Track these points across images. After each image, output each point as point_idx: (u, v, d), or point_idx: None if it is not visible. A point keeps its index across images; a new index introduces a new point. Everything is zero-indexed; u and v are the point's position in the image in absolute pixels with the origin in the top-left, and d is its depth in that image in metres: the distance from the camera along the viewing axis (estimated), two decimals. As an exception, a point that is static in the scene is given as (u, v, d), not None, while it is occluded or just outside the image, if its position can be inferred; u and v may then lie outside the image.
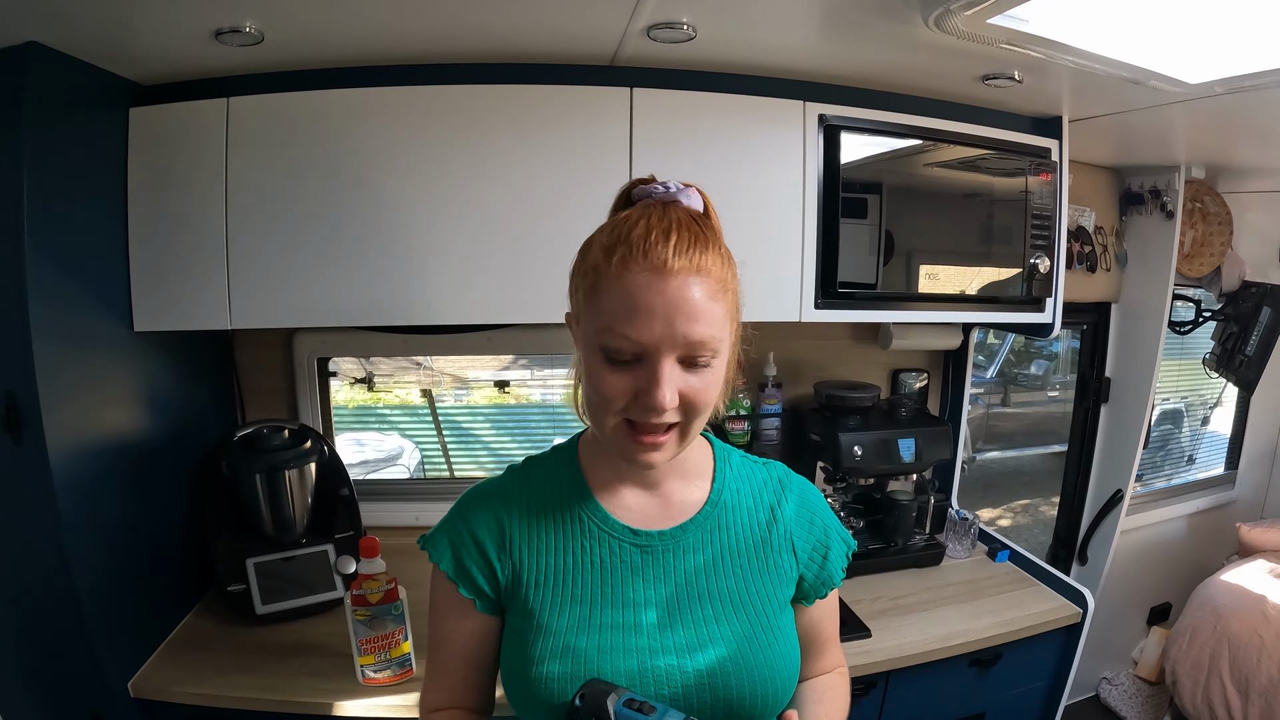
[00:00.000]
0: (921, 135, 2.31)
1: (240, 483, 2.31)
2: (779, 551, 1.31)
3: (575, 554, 1.25)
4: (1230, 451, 4.52)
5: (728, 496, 1.32)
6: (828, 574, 1.35)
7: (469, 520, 1.29)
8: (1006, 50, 1.86)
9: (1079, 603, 2.43)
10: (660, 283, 1.06)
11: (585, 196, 2.08)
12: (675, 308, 1.06)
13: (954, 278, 2.40)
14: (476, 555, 1.26)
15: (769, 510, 1.33)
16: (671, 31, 1.85)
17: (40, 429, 1.76)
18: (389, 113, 2.05)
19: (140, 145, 2.05)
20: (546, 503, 1.29)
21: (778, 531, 1.32)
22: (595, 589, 1.23)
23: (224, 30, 1.77)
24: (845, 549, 1.39)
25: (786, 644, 1.27)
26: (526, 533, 1.27)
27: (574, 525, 1.27)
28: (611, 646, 1.20)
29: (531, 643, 1.22)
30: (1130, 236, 3.44)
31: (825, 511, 1.39)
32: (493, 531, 1.26)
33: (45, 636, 1.97)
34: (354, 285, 2.09)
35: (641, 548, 1.25)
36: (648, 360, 1.08)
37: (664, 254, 1.06)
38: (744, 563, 1.28)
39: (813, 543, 1.34)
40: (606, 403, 1.11)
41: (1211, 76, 1.98)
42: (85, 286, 1.94)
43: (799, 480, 1.41)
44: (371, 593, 1.92)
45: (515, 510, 1.28)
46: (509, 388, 3.47)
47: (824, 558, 1.35)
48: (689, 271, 1.07)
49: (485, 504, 1.30)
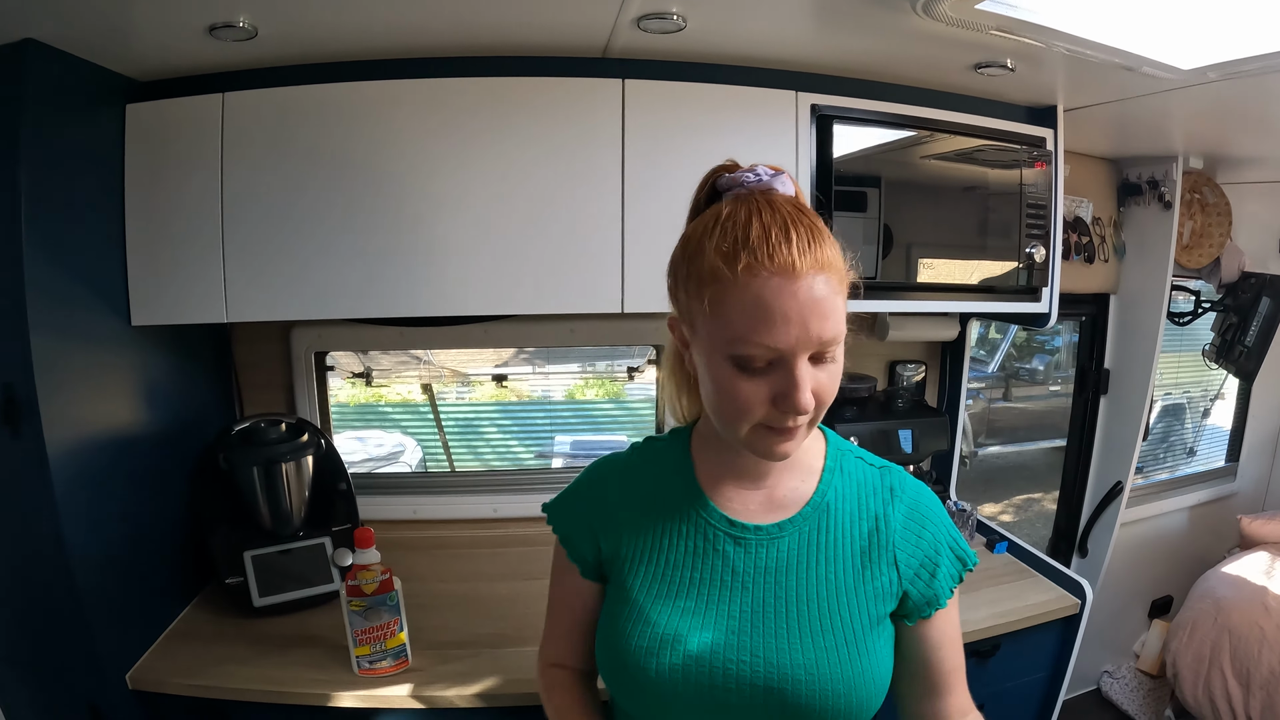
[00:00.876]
0: (914, 125, 2.31)
1: (237, 476, 2.32)
2: (879, 564, 1.24)
3: (671, 536, 1.28)
4: (1231, 443, 4.51)
5: (832, 498, 1.27)
6: (935, 591, 1.25)
7: (584, 491, 1.40)
8: (997, 37, 1.86)
9: (1077, 593, 2.43)
10: (791, 286, 1.03)
11: (578, 188, 2.11)
12: (810, 310, 1.04)
13: (952, 271, 2.40)
14: (584, 525, 1.36)
15: (874, 519, 1.27)
16: (661, 22, 1.85)
17: (38, 422, 1.77)
18: (382, 107, 2.06)
19: (136, 141, 2.06)
20: (654, 483, 1.33)
21: (880, 542, 1.25)
22: (685, 573, 1.26)
23: (218, 25, 1.78)
24: (958, 567, 1.28)
25: (871, 662, 1.20)
26: (631, 510, 1.32)
27: (675, 508, 1.30)
28: (689, 632, 1.21)
29: (619, 614, 1.28)
30: (1128, 227, 3.44)
31: (940, 523, 1.29)
32: (602, 504, 1.35)
33: (43, 628, 1.97)
34: (351, 277, 2.10)
35: (736, 539, 1.25)
36: (783, 364, 1.07)
37: (789, 255, 1.04)
38: (839, 569, 1.23)
39: (920, 557, 1.25)
40: (744, 412, 1.10)
41: (1204, 62, 1.98)
42: (83, 281, 1.95)
43: (913, 488, 1.32)
44: (366, 583, 1.91)
45: (625, 487, 1.35)
46: (506, 382, 3.47)
47: (932, 574, 1.25)
48: (815, 269, 1.05)
49: (601, 478, 1.40)
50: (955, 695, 1.31)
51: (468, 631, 2.17)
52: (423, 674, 1.97)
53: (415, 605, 2.00)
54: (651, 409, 3.23)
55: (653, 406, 3.20)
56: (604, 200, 2.11)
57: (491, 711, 1.93)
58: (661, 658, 1.20)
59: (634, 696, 1.27)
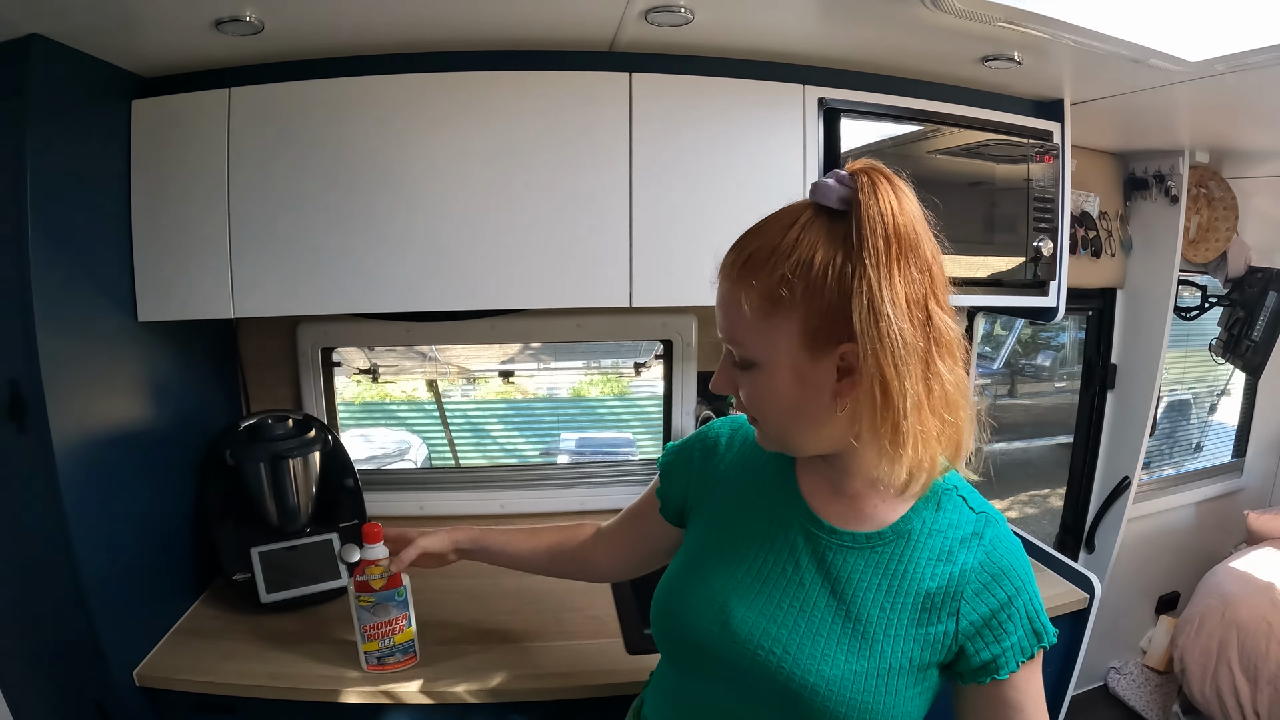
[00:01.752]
0: (922, 119, 2.30)
1: (244, 472, 2.32)
2: (939, 611, 1.17)
3: (753, 513, 1.33)
4: (1237, 439, 4.51)
5: (916, 527, 1.22)
6: (996, 660, 1.16)
7: (700, 440, 1.50)
8: (1005, 29, 1.85)
9: (1086, 588, 2.42)
10: (720, 284, 1.19)
11: (586, 181, 2.11)
12: (719, 308, 1.20)
13: (959, 267, 2.39)
14: (685, 468, 1.48)
15: (953, 564, 1.19)
16: (669, 15, 1.85)
17: (45, 418, 1.77)
18: (389, 101, 2.05)
19: (142, 137, 2.05)
20: (761, 456, 1.38)
21: (950, 591, 1.17)
22: (752, 550, 1.29)
23: (224, 20, 1.78)
24: (1031, 641, 1.17)
25: (896, 702, 1.15)
26: (731, 471, 1.41)
27: (766, 486, 1.34)
28: (735, 605, 1.25)
29: (680, 564, 1.39)
30: (1135, 222, 3.44)
31: (1020, 591, 1.18)
32: (712, 456, 1.45)
33: (49, 625, 1.98)
34: (358, 271, 2.10)
35: (808, 534, 1.26)
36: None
37: (726, 258, 1.19)
38: (899, 602, 1.18)
39: (986, 615, 1.16)
40: None
41: (1211, 54, 1.97)
42: (89, 277, 1.95)
43: (1002, 542, 1.21)
44: (374, 579, 1.87)
45: (737, 449, 1.43)
46: (513, 378, 3.47)
47: (995, 638, 1.16)
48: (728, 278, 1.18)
49: (719, 434, 1.47)
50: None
51: (475, 627, 2.17)
52: (430, 669, 1.96)
53: (423, 600, 1.99)
54: (659, 405, 3.22)
55: (660, 404, 3.19)
56: (612, 194, 2.11)
57: (499, 707, 1.93)
58: (704, 614, 1.26)
59: (667, 642, 1.35)
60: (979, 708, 1.21)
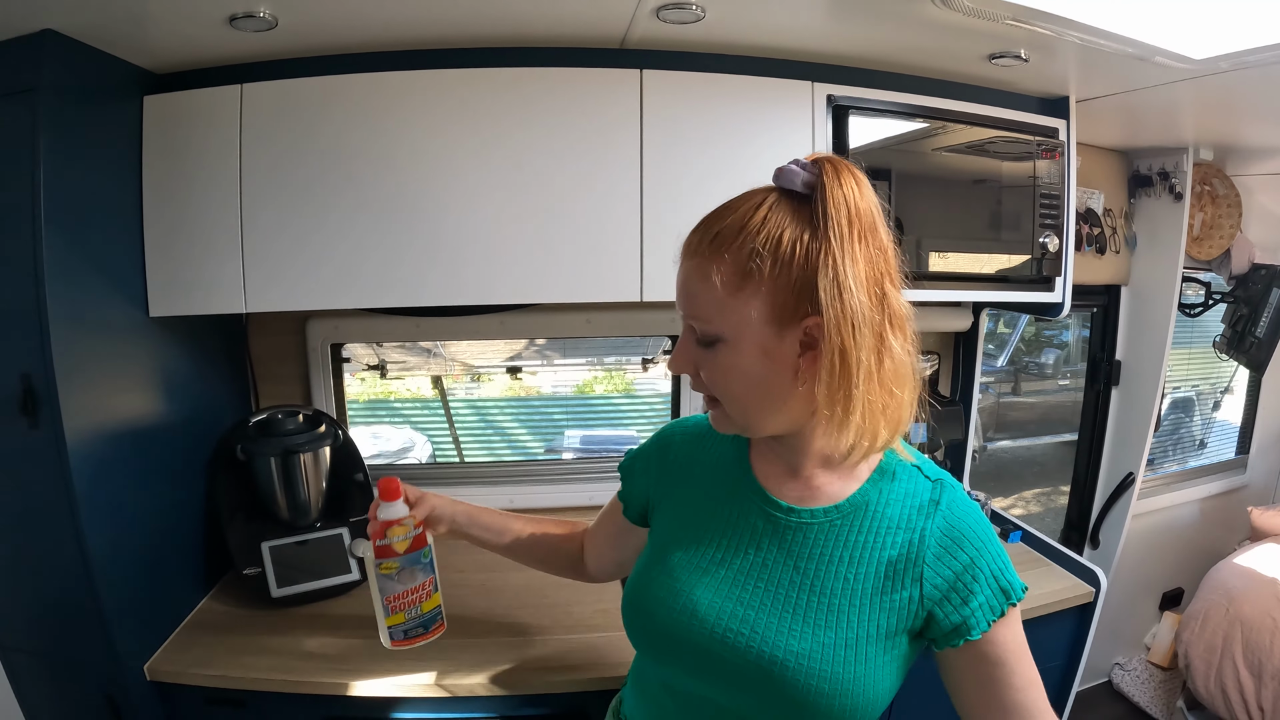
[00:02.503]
0: (929, 115, 2.31)
1: (255, 466, 2.32)
2: (903, 577, 1.20)
3: (712, 501, 1.36)
4: (1241, 436, 4.51)
5: (873, 499, 1.25)
6: (966, 621, 1.18)
7: (655, 442, 1.54)
8: (1012, 27, 1.86)
9: (1092, 582, 2.43)
10: (683, 263, 1.23)
11: (597, 177, 2.11)
12: (680, 284, 1.23)
13: (964, 263, 2.40)
14: (642, 469, 1.53)
15: (911, 531, 1.22)
16: (680, 12, 1.86)
17: (57, 412, 1.77)
18: (401, 97, 2.06)
19: (155, 132, 2.06)
20: (715, 448, 1.42)
21: (911, 557, 1.21)
22: (714, 536, 1.32)
23: (238, 15, 1.79)
24: (1000, 600, 1.19)
25: (867, 670, 1.18)
26: (687, 466, 1.44)
27: (723, 476, 1.38)
28: (700, 591, 1.27)
29: (646, 558, 1.41)
30: (1139, 219, 3.44)
31: (981, 550, 1.21)
32: (665, 454, 1.49)
33: (60, 619, 1.98)
34: (369, 267, 2.10)
35: (767, 516, 1.29)
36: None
37: (690, 238, 1.23)
38: (861, 573, 1.21)
39: (950, 579, 1.19)
40: None
41: (1216, 52, 1.98)
42: (101, 272, 1.95)
43: (959, 506, 1.25)
44: (398, 540, 1.65)
45: (689, 445, 1.46)
46: (520, 374, 3.47)
47: (963, 600, 1.18)
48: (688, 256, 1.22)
49: (670, 433, 1.53)
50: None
51: (487, 620, 2.17)
52: (443, 662, 1.96)
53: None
54: (665, 402, 3.23)
55: (667, 401, 3.20)
56: (623, 189, 2.11)
57: (511, 699, 1.93)
58: (671, 605, 1.28)
59: (638, 636, 1.37)
60: (961, 670, 1.23)
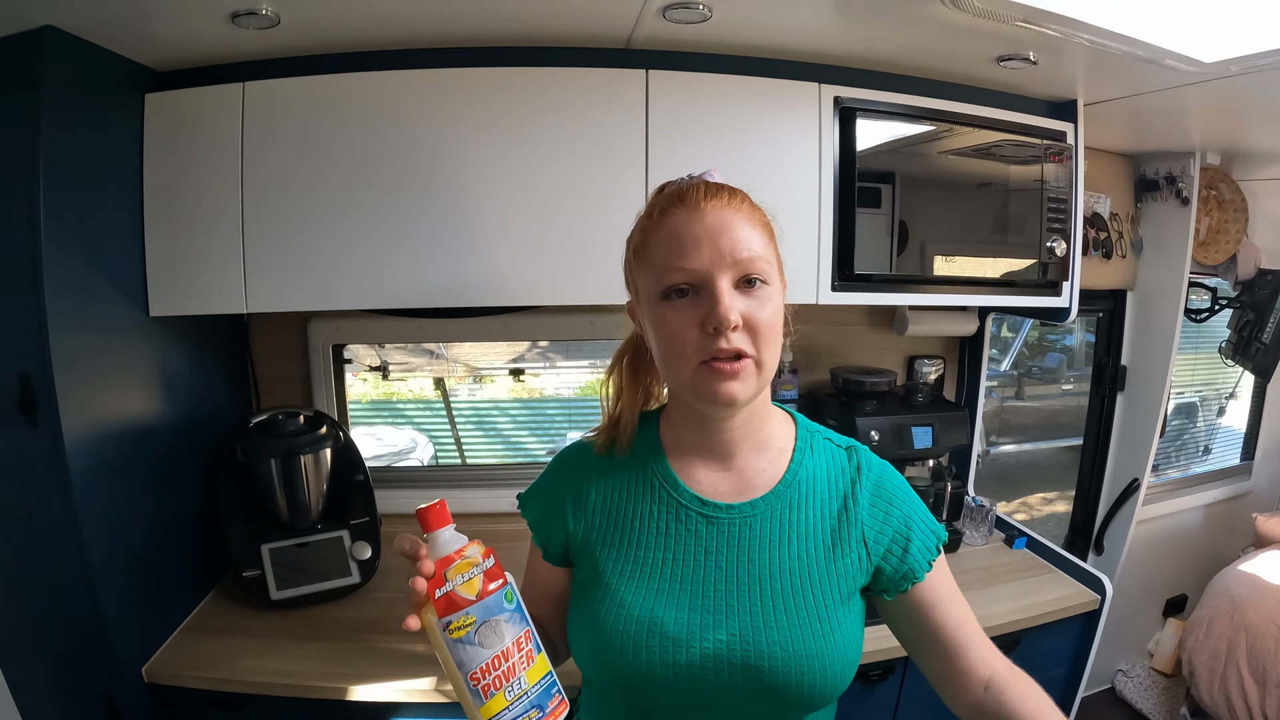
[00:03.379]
0: (936, 118, 2.30)
1: (255, 468, 2.32)
2: (848, 542, 1.28)
3: (643, 518, 1.31)
4: (1246, 442, 4.51)
5: (803, 477, 1.32)
6: (909, 566, 1.28)
7: (555, 478, 1.41)
8: (1021, 28, 1.85)
9: (1097, 589, 2.43)
10: (697, 215, 1.18)
11: (602, 178, 2.10)
12: (718, 231, 1.17)
13: (969, 267, 2.39)
14: (556, 509, 1.36)
15: (842, 499, 1.31)
16: (687, 12, 1.85)
17: (55, 412, 1.77)
18: (405, 96, 2.05)
19: (155, 130, 2.06)
20: (625, 468, 1.36)
21: (848, 521, 1.29)
22: (658, 554, 1.28)
23: (240, 13, 1.78)
24: (933, 539, 1.31)
25: (842, 636, 1.24)
26: (604, 491, 1.34)
27: (646, 490, 1.33)
28: (665, 613, 1.23)
29: (594, 598, 1.28)
30: (1146, 223, 3.43)
31: (905, 501, 1.33)
32: (573, 488, 1.36)
33: (59, 621, 1.97)
34: (372, 267, 2.10)
35: (708, 519, 1.28)
36: (706, 288, 1.16)
37: (696, 196, 1.20)
38: (811, 548, 1.27)
39: (890, 533, 1.29)
40: (679, 345, 1.18)
41: (1226, 55, 1.97)
42: (101, 271, 1.95)
43: (878, 468, 1.36)
44: (462, 581, 1.08)
45: (596, 471, 1.37)
46: (523, 376, 3.46)
47: (904, 549, 1.29)
48: (721, 204, 1.19)
49: (572, 463, 1.41)
50: (974, 648, 1.30)
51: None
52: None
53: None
54: (665, 404, 3.23)
55: (667, 401, 3.19)
56: (628, 190, 2.09)
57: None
58: (639, 640, 1.22)
59: (612, 680, 1.28)
60: (906, 614, 1.32)
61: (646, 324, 1.27)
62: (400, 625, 1.06)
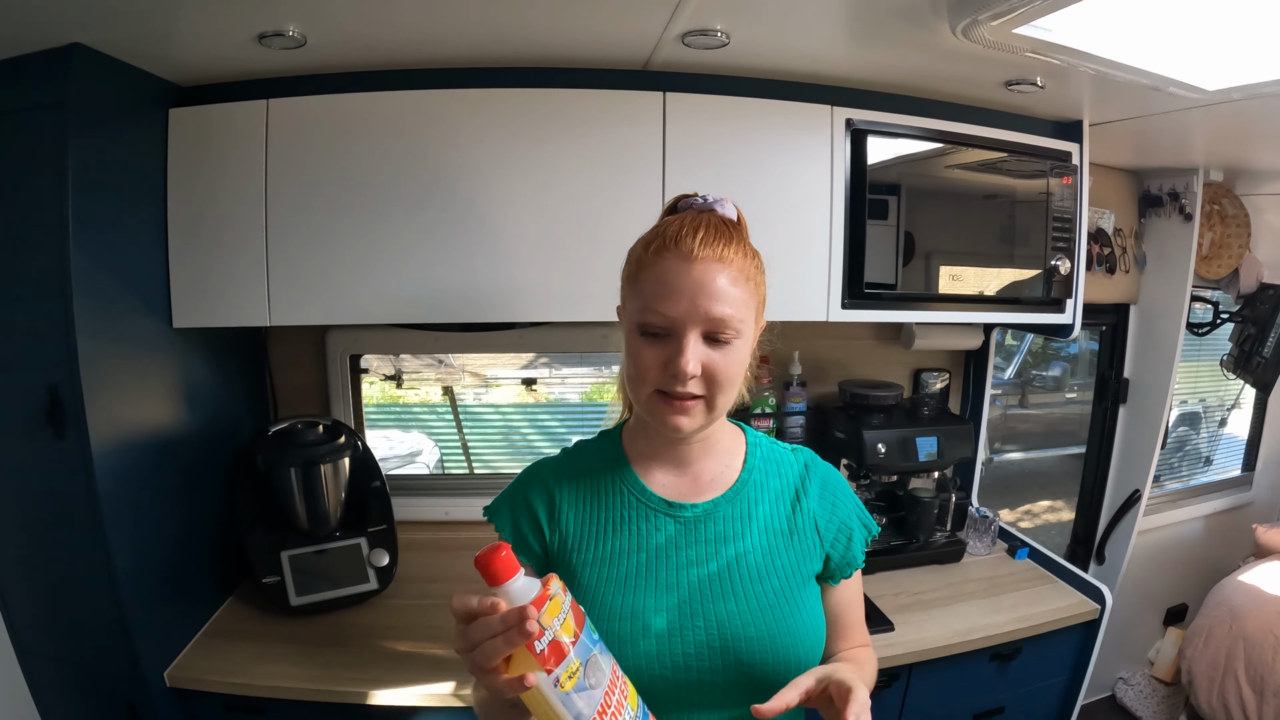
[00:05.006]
0: (945, 139, 2.34)
1: (275, 477, 2.35)
2: (803, 530, 1.38)
3: (615, 522, 1.37)
4: (1247, 453, 4.52)
5: (757, 477, 1.41)
6: (851, 555, 1.41)
7: (525, 490, 1.43)
8: (1030, 58, 1.88)
9: (1097, 599, 2.46)
10: (687, 266, 1.22)
11: (618, 197, 2.13)
12: (699, 288, 1.21)
13: (974, 279, 2.42)
14: (530, 522, 1.39)
15: (794, 492, 1.42)
16: (705, 38, 1.88)
17: (83, 423, 1.80)
18: (427, 116, 2.08)
19: (180, 145, 2.09)
20: (592, 477, 1.42)
21: (802, 511, 1.40)
22: (633, 556, 1.33)
23: (268, 34, 1.81)
24: (866, 534, 1.44)
25: (809, 616, 1.34)
26: (574, 502, 1.39)
27: (615, 497, 1.39)
28: (644, 608, 1.29)
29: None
30: (1149, 238, 3.45)
31: (848, 496, 1.46)
32: (545, 500, 1.40)
33: (83, 626, 2.01)
34: (394, 283, 2.13)
35: (675, 518, 1.35)
36: (676, 334, 1.22)
37: (690, 245, 1.22)
38: (771, 538, 1.36)
39: (836, 525, 1.41)
40: (642, 374, 1.25)
41: (1230, 84, 2.01)
42: (126, 283, 1.98)
43: (824, 466, 1.48)
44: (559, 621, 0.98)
45: (565, 482, 1.41)
46: (535, 385, 3.50)
47: (849, 540, 1.41)
48: (712, 259, 1.23)
49: (539, 477, 1.44)
50: (858, 634, 1.51)
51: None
52: (461, 672, 1.98)
53: (443, 606, 1.99)
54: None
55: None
56: (646, 209, 2.07)
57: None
58: (623, 637, 1.27)
59: None
60: (838, 597, 1.45)
61: (624, 339, 1.34)
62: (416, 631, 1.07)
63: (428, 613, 2.31)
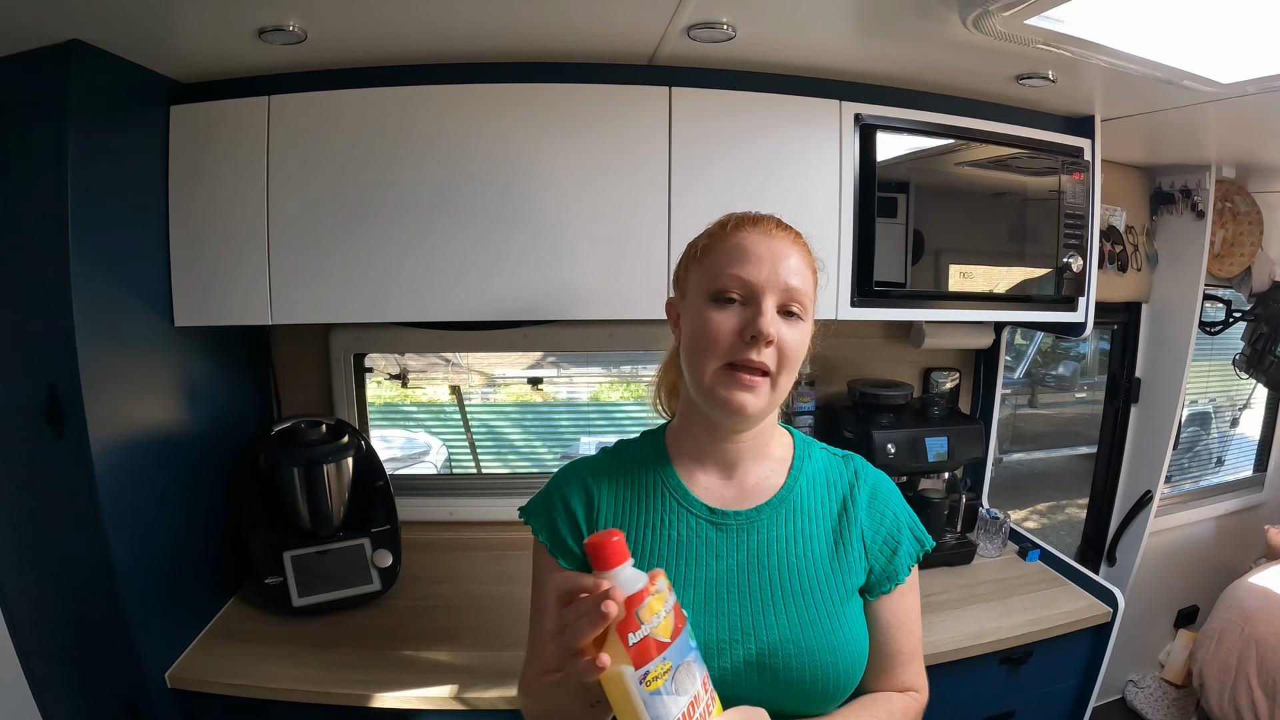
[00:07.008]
0: (956, 134, 2.31)
1: (278, 476, 2.34)
2: (848, 541, 1.35)
3: (655, 526, 1.35)
4: (1259, 454, 4.49)
5: (803, 483, 1.39)
6: (894, 568, 1.37)
7: (563, 490, 1.41)
8: (1041, 50, 1.86)
9: (1109, 602, 2.43)
10: (767, 239, 1.29)
11: (623, 193, 2.12)
12: (779, 258, 1.27)
13: (985, 277, 2.40)
14: (569, 523, 1.38)
15: (842, 501, 1.39)
16: (711, 31, 1.86)
17: (82, 422, 1.78)
18: (428, 110, 2.07)
19: (181, 142, 2.07)
20: (633, 479, 1.40)
21: (848, 521, 1.37)
22: (672, 561, 1.32)
23: (268, 29, 1.79)
24: (916, 547, 1.40)
25: (850, 631, 1.30)
26: (613, 503, 1.38)
27: (656, 500, 1.37)
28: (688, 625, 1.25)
29: None
30: (1161, 236, 3.43)
31: (899, 506, 1.43)
32: (583, 500, 1.39)
33: (83, 625, 2.00)
34: (397, 281, 2.11)
35: (717, 525, 1.34)
36: (754, 299, 1.25)
37: (769, 225, 1.32)
38: (814, 548, 1.34)
39: (883, 535, 1.38)
40: (713, 343, 1.25)
41: (1244, 76, 1.98)
42: (126, 281, 1.96)
43: (875, 474, 1.45)
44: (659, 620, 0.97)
45: (604, 483, 1.40)
46: (542, 385, 3.48)
47: (893, 551, 1.37)
48: (788, 241, 1.31)
49: (577, 476, 1.42)
50: (904, 671, 1.41)
51: (508, 633, 2.17)
52: (465, 674, 1.98)
53: (456, 607, 1.99)
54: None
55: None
56: (651, 205, 2.12)
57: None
58: None
59: None
60: (883, 614, 1.38)
61: (685, 319, 1.34)
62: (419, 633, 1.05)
63: (431, 614, 2.29)
